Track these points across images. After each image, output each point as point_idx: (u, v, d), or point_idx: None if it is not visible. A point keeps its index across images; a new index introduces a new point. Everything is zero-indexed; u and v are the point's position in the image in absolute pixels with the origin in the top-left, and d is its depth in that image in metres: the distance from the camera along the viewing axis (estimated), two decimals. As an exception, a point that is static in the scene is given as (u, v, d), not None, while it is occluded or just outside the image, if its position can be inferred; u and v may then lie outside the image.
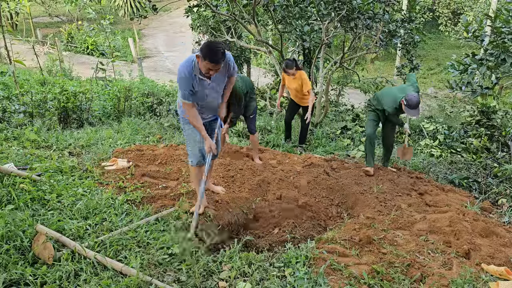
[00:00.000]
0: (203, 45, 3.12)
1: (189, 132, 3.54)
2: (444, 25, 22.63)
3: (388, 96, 4.93)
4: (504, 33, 4.68)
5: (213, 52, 3.06)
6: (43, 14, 25.84)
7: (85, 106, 6.41)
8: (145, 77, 10.60)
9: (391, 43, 8.05)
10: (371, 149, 5.11)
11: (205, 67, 3.13)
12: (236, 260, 2.87)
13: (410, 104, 4.61)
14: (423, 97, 16.15)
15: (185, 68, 3.21)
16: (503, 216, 4.14)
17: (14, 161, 4.07)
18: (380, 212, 4.09)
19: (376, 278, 2.78)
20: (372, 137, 5.12)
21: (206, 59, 3.07)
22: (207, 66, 3.12)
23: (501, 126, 6.75)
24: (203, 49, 3.08)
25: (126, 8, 21.80)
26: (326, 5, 6.82)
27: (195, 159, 3.61)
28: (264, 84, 13.06)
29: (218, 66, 3.15)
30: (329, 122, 9.28)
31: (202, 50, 3.08)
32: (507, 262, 3.06)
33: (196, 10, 8.25)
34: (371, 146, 5.11)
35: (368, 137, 5.13)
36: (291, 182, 4.66)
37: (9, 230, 2.71)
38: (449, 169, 5.75)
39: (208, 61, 3.08)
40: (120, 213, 3.33)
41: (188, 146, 3.61)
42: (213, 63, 3.09)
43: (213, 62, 3.08)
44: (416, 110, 4.65)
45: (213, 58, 3.07)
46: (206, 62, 3.09)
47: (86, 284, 2.43)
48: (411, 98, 4.62)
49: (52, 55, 11.13)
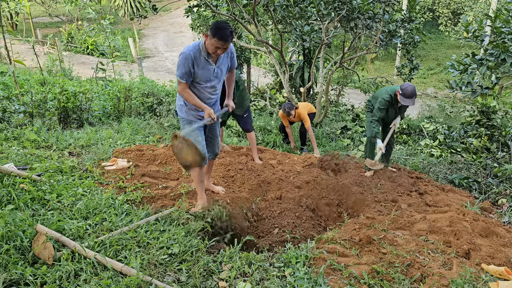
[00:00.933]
0: (213, 24, 3.12)
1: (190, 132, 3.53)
2: (444, 25, 22.65)
3: (383, 89, 5.12)
4: (504, 33, 4.68)
5: (223, 30, 3.07)
6: (43, 14, 25.86)
7: (85, 106, 6.40)
8: (145, 77, 10.59)
9: (391, 43, 8.05)
10: (371, 151, 5.15)
11: (213, 46, 3.13)
12: (236, 260, 2.87)
13: (405, 92, 4.74)
14: (423, 97, 16.15)
15: (189, 49, 3.21)
16: (503, 216, 4.14)
17: (14, 161, 4.07)
18: (380, 212, 4.09)
19: (376, 278, 2.78)
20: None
21: (215, 36, 3.07)
22: (216, 45, 3.12)
23: (501, 126, 6.75)
24: (213, 27, 3.08)
25: (126, 8, 21.83)
26: (326, 5, 6.82)
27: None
28: (264, 84, 13.07)
29: (226, 45, 3.14)
30: (329, 122, 9.28)
31: (212, 29, 3.08)
32: (507, 262, 3.06)
33: (196, 10, 8.26)
34: (372, 148, 5.14)
35: (369, 139, 5.16)
36: (291, 182, 4.66)
37: (9, 230, 2.70)
38: (449, 169, 5.75)
39: (217, 38, 3.07)
40: (120, 213, 3.33)
41: None
42: (221, 40, 3.09)
43: (221, 39, 3.08)
44: (411, 99, 4.76)
45: (222, 35, 3.07)
46: (215, 40, 3.09)
47: (86, 284, 2.43)
48: (407, 87, 4.76)
49: (52, 55, 11.12)
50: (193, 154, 3.22)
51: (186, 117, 3.51)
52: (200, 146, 3.48)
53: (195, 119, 3.50)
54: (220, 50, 3.18)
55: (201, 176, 3.59)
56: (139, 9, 21.38)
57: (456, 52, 20.16)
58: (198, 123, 3.44)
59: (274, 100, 10.76)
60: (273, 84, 12.06)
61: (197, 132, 3.46)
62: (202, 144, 3.52)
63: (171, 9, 29.45)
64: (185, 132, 3.48)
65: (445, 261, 3.04)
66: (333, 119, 9.76)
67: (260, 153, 5.61)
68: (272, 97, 10.92)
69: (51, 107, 6.18)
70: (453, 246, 3.29)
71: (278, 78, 11.52)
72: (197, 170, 3.55)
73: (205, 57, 3.24)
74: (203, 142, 3.53)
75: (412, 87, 4.75)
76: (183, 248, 2.88)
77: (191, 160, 3.26)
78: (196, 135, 3.46)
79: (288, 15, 7.38)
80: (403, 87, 4.78)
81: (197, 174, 3.58)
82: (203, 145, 3.53)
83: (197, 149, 3.24)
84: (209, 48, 3.18)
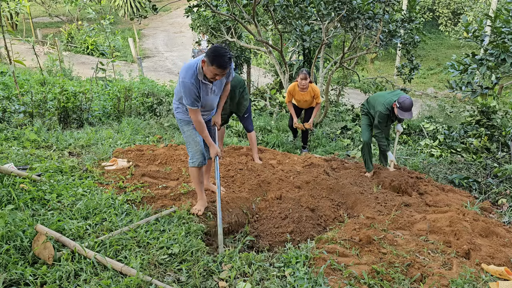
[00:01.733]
0: (210, 51, 3.07)
1: (189, 133, 3.52)
2: (444, 25, 22.65)
3: (381, 97, 4.94)
4: (504, 33, 4.68)
5: (221, 58, 3.05)
6: (43, 14, 25.85)
7: (85, 106, 6.40)
8: (145, 77, 10.59)
9: (391, 43, 8.05)
10: (369, 155, 5.11)
11: (212, 72, 3.11)
12: (236, 260, 2.87)
13: (403, 106, 4.59)
14: (423, 97, 16.15)
15: (190, 77, 3.17)
16: (503, 216, 4.14)
17: (14, 161, 4.07)
18: (380, 212, 4.09)
19: (376, 278, 2.78)
20: (368, 143, 5.14)
21: (214, 64, 3.05)
22: (214, 72, 3.10)
23: (501, 126, 6.75)
24: (211, 55, 3.05)
25: (126, 8, 21.83)
26: (326, 5, 6.82)
27: (196, 160, 3.55)
28: (264, 84, 13.06)
29: (225, 71, 3.13)
30: (329, 122, 9.28)
31: (209, 56, 3.05)
32: (507, 262, 3.06)
33: (196, 10, 8.26)
34: (369, 152, 5.12)
35: (365, 144, 5.13)
36: (291, 182, 4.66)
37: (9, 230, 2.71)
38: (449, 169, 5.75)
39: (216, 66, 3.06)
40: (120, 213, 3.33)
41: (189, 147, 3.56)
42: (220, 68, 3.08)
43: (220, 67, 3.07)
44: (410, 112, 4.63)
45: (221, 63, 3.06)
46: (214, 67, 3.07)
47: (86, 284, 2.43)
48: (404, 100, 4.60)
49: (52, 55, 11.12)
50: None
51: (184, 118, 3.50)
52: (198, 147, 3.52)
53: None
54: (219, 76, 3.16)
55: (200, 177, 3.60)
56: (139, 9, 21.38)
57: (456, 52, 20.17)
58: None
59: (274, 100, 10.75)
60: (273, 84, 12.05)
61: (194, 132, 3.49)
62: (201, 144, 3.55)
63: (171, 9, 29.45)
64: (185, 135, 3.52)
65: (445, 261, 3.04)
66: (333, 119, 9.76)
67: (260, 153, 5.61)
68: (272, 97, 10.91)
69: (51, 107, 6.18)
70: (453, 246, 3.29)
71: (278, 78, 11.51)
72: (196, 170, 3.57)
73: (203, 80, 3.23)
74: (201, 142, 3.56)
75: (410, 100, 4.58)
76: (183, 248, 2.88)
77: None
78: (194, 136, 3.51)
79: (288, 15, 7.38)
80: (400, 100, 4.60)
81: (196, 174, 3.59)
82: (202, 145, 3.56)
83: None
84: (207, 74, 3.16)
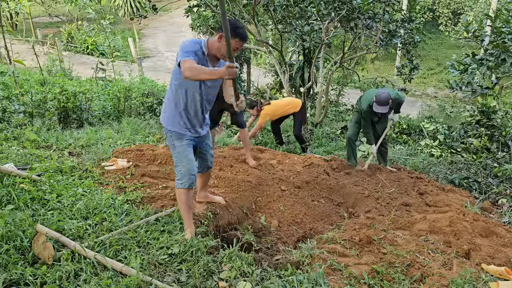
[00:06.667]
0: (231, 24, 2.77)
1: (181, 149, 3.04)
2: (444, 25, 22.62)
3: (367, 94, 5.18)
4: (504, 33, 4.68)
5: (241, 29, 2.87)
6: (43, 14, 25.83)
7: (85, 106, 6.40)
8: (145, 77, 10.60)
9: (391, 43, 8.06)
10: (350, 150, 5.39)
11: (233, 46, 2.82)
12: (236, 260, 2.87)
13: (378, 100, 4.84)
14: (423, 97, 16.15)
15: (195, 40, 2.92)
16: (503, 216, 4.14)
17: (14, 161, 4.07)
18: (380, 212, 4.09)
19: (376, 278, 2.78)
20: (351, 138, 5.38)
21: (237, 37, 2.84)
22: (236, 45, 2.88)
23: (501, 126, 6.75)
24: (232, 28, 2.73)
25: (126, 8, 21.81)
26: (326, 5, 6.82)
27: (187, 181, 3.04)
28: (264, 84, 13.07)
29: (243, 44, 2.94)
30: (329, 122, 9.29)
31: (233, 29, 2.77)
32: (507, 262, 3.06)
33: (196, 10, 8.26)
34: (351, 147, 5.38)
35: (348, 139, 5.39)
36: (291, 182, 4.65)
37: (9, 230, 2.70)
38: (449, 169, 5.75)
39: (239, 39, 2.86)
40: (120, 213, 3.33)
41: (179, 165, 3.05)
42: (242, 40, 2.89)
43: (243, 39, 2.88)
44: (384, 107, 4.84)
45: (244, 35, 2.88)
46: (236, 40, 2.84)
47: (86, 284, 2.43)
48: (381, 94, 4.83)
49: (52, 55, 11.13)
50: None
51: (177, 131, 3.03)
52: (190, 166, 3.06)
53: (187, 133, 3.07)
54: (234, 52, 2.90)
55: (188, 201, 3.08)
56: (139, 9, 21.36)
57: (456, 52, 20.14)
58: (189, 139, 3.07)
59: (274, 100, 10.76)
60: (273, 84, 12.06)
61: (187, 148, 3.07)
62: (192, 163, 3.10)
63: (171, 9, 29.42)
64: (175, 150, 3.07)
65: (445, 261, 3.04)
66: (333, 119, 9.77)
67: (260, 153, 5.60)
68: (272, 97, 10.92)
69: (51, 107, 6.18)
70: (453, 246, 3.29)
71: (278, 78, 11.52)
72: (185, 193, 3.05)
73: (206, 58, 2.96)
74: (193, 161, 3.12)
75: (386, 95, 4.81)
76: (183, 248, 2.88)
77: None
78: (187, 152, 3.07)
79: (288, 15, 7.38)
80: (377, 94, 4.86)
81: (184, 198, 3.06)
82: (194, 165, 3.12)
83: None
84: (220, 49, 2.89)
